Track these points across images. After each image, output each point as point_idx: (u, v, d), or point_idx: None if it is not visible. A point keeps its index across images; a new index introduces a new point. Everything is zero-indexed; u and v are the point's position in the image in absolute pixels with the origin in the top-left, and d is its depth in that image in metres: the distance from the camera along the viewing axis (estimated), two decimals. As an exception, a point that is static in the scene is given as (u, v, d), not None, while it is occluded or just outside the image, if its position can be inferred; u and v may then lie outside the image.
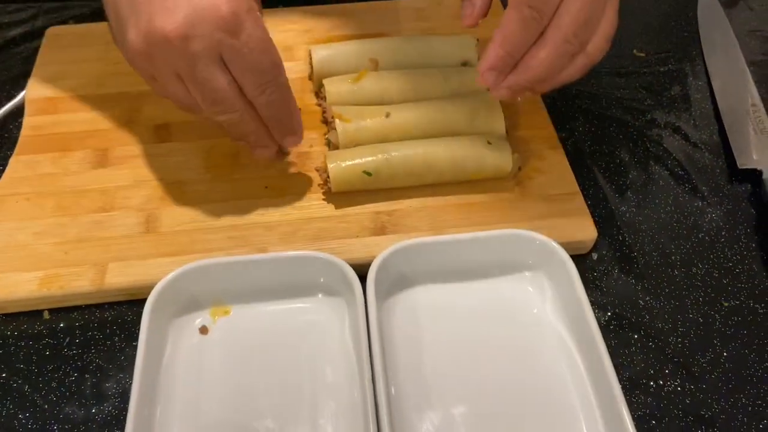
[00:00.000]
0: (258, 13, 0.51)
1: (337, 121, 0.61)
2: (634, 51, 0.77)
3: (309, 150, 0.64)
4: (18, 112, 0.70)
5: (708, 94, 0.73)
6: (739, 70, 0.74)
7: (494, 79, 0.53)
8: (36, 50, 0.76)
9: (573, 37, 0.51)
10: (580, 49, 0.52)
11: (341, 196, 0.60)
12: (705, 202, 0.62)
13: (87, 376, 0.52)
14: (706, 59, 0.76)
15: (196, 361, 0.52)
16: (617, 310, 0.55)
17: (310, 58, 0.68)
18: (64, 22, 0.81)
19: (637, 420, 0.48)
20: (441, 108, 0.62)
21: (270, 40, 0.51)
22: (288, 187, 0.61)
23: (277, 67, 0.53)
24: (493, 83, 0.54)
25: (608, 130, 0.69)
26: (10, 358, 0.53)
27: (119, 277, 0.55)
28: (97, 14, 0.81)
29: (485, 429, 0.48)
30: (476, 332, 0.53)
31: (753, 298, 0.56)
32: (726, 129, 0.68)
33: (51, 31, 0.76)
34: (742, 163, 0.64)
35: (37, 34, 0.78)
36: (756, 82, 0.72)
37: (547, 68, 0.52)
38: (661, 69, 0.75)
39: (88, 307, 0.56)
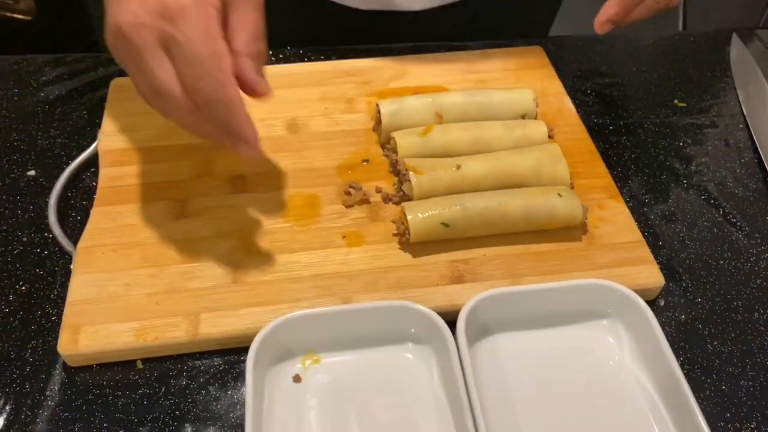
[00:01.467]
0: (212, 8, 0.51)
1: (411, 173, 0.64)
2: (676, 101, 0.81)
3: (380, 200, 0.67)
4: (89, 162, 0.72)
5: (749, 142, 0.77)
6: (776, 120, 0.78)
7: (609, 28, 0.69)
8: (99, 100, 0.78)
9: None
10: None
11: (417, 245, 0.62)
12: (760, 249, 0.66)
13: (186, 425, 0.53)
14: (743, 107, 0.80)
15: (293, 410, 0.53)
16: (688, 355, 0.58)
17: (378, 112, 0.71)
18: (123, 71, 0.83)
19: (720, 463, 0.51)
20: (509, 160, 0.65)
21: (212, 32, 0.50)
22: (364, 237, 0.64)
23: (215, 59, 0.50)
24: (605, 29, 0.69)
25: (659, 178, 0.72)
26: (110, 408, 0.54)
27: (213, 328, 0.57)
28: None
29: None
30: (558, 379, 0.56)
31: (815, 343, 0.59)
32: (771, 178, 0.71)
33: (116, 83, 0.79)
34: (791, 210, 0.68)
35: (99, 84, 0.81)
36: (792, 131, 0.76)
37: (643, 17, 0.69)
38: (702, 118, 0.79)
39: (180, 356, 0.57)
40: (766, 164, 0.73)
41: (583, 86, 0.83)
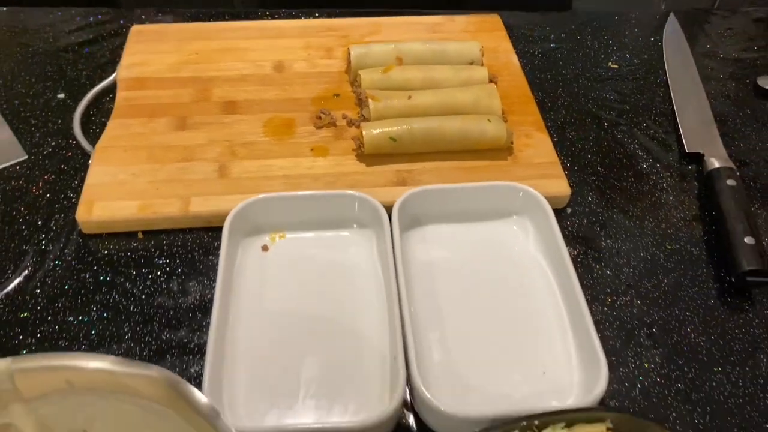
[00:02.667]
0: None
1: (370, 100, 0.78)
2: (610, 63, 0.95)
3: (345, 125, 0.81)
4: (109, 89, 0.86)
5: (668, 100, 0.90)
6: (693, 82, 0.91)
7: None
8: (120, 44, 0.93)
9: None
10: None
11: (371, 157, 0.76)
12: (659, 176, 0.79)
13: (174, 277, 0.67)
14: (668, 73, 0.93)
15: (259, 270, 0.67)
16: (584, 248, 0.71)
17: (349, 55, 0.85)
18: (140, 21, 0.98)
19: (596, 323, 0.63)
20: (452, 94, 0.79)
21: None
22: (329, 150, 0.77)
23: None
24: None
25: (585, 121, 0.86)
26: (114, 264, 0.68)
27: (200, 207, 0.71)
28: (171, 19, 0.99)
29: (481, 334, 0.62)
30: (474, 263, 0.69)
31: (690, 244, 0.72)
32: (678, 123, 0.84)
33: (135, 29, 0.94)
34: (690, 147, 0.81)
35: (120, 32, 0.96)
36: (706, 91, 0.89)
37: None
38: (630, 78, 0.93)
39: (173, 230, 0.71)
40: (676, 114, 0.86)
41: (532, 49, 0.96)
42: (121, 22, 0.99)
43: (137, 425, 0.46)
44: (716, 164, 0.76)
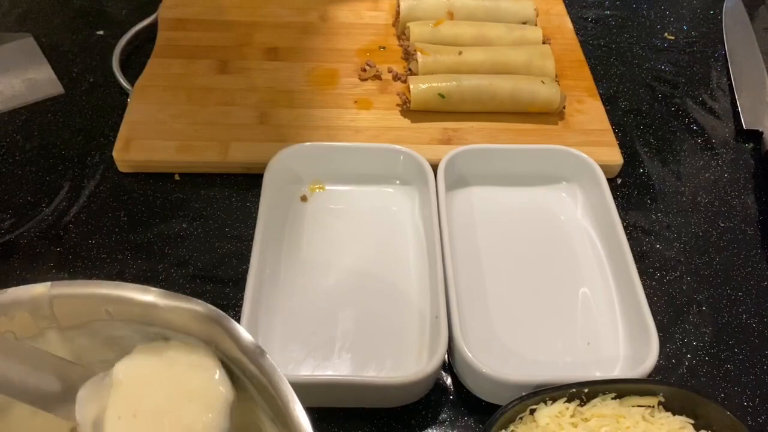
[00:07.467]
0: None
1: (418, 53, 0.75)
2: (666, 34, 0.91)
3: (390, 79, 0.78)
4: (148, 28, 0.84)
5: (725, 74, 0.86)
6: (754, 57, 0.87)
7: None
8: (161, -15, 0.91)
9: None
10: None
11: (416, 113, 0.73)
12: (714, 152, 0.76)
13: (210, 222, 0.66)
14: (726, 47, 0.89)
15: (298, 220, 0.65)
16: (633, 221, 0.68)
17: (398, 6, 0.82)
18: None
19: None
20: (504, 52, 0.76)
21: None
22: (373, 104, 0.75)
23: None
24: None
25: (638, 91, 0.82)
26: (149, 205, 0.67)
27: (240, 153, 0.69)
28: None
29: (524, 300, 0.60)
30: (519, 227, 0.66)
31: (745, 222, 0.69)
32: (737, 99, 0.81)
33: (178, -31, 0.91)
34: (748, 124, 0.77)
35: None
36: (767, 68, 0.85)
37: None
38: (687, 50, 0.89)
39: (210, 175, 0.69)
40: (735, 90, 0.82)
41: (586, 14, 0.93)
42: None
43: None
44: (776, 143, 0.73)
